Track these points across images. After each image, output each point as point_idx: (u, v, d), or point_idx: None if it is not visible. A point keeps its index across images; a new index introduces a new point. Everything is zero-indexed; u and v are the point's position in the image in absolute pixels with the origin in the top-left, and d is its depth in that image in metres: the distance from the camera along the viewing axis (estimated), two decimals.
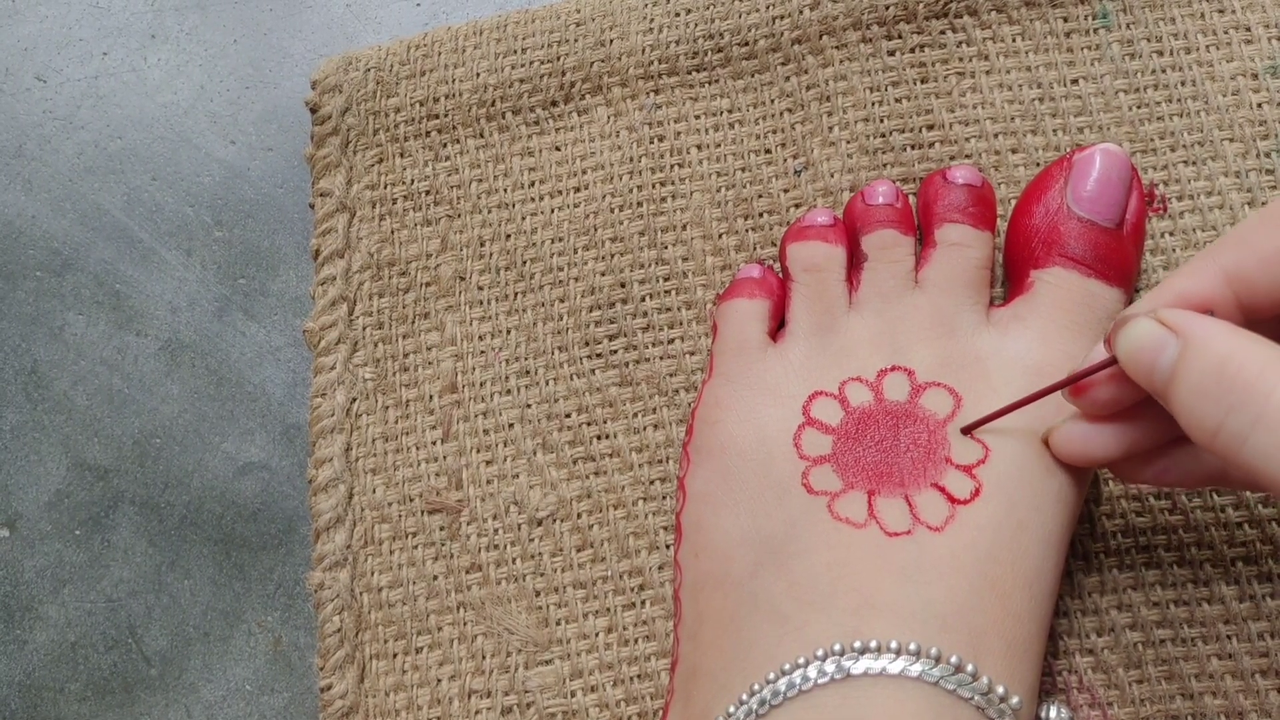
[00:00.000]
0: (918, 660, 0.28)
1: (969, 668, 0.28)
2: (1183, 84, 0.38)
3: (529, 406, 0.38)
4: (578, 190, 0.40)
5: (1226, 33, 0.38)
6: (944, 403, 0.33)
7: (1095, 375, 0.29)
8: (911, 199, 0.37)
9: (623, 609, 0.36)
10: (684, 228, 0.39)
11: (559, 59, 0.41)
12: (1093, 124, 0.38)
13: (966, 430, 0.32)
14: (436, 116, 0.41)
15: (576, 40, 0.41)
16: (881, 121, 0.38)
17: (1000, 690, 0.28)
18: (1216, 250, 0.27)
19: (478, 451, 0.38)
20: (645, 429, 0.37)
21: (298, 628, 0.39)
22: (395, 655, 0.36)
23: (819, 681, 0.28)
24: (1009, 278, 0.36)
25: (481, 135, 0.41)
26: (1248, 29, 0.38)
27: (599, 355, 0.38)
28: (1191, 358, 0.25)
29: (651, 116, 0.40)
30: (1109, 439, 0.30)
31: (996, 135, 0.38)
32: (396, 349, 0.39)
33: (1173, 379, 0.26)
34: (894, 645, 0.28)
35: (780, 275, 0.37)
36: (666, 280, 0.38)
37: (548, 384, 0.38)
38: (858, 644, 0.28)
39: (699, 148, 0.40)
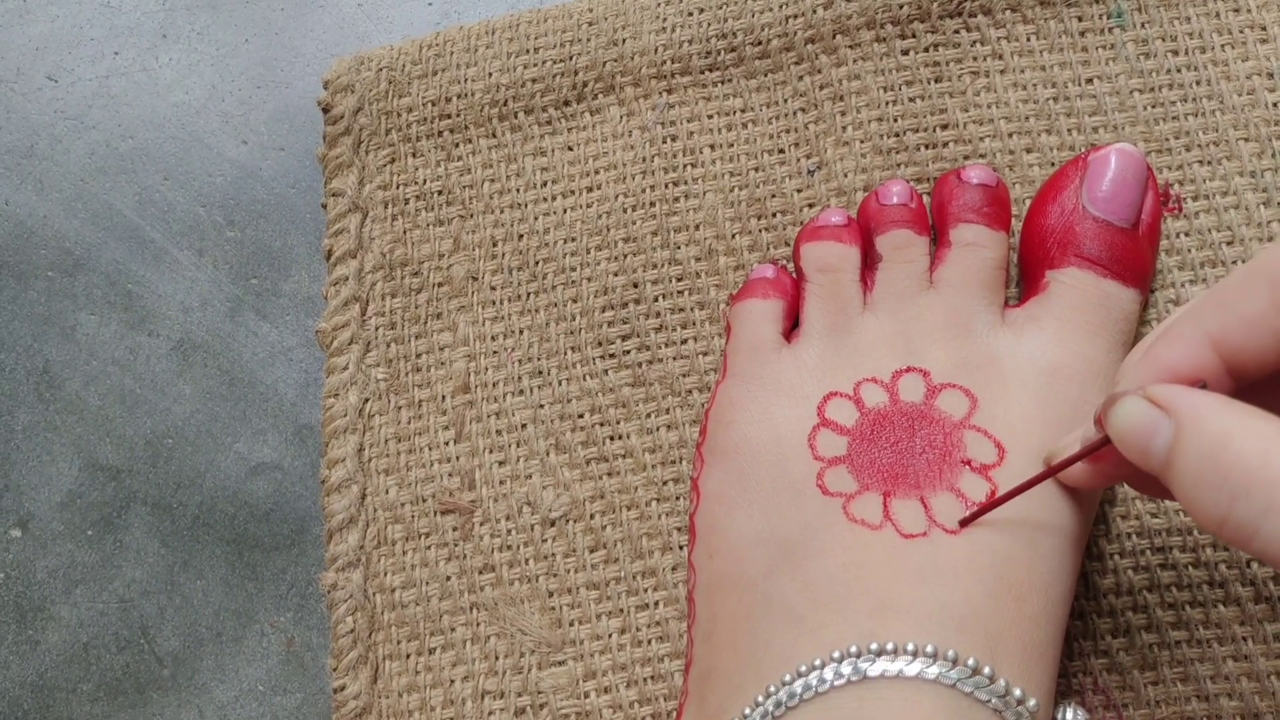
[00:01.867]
0: (935, 662, 0.28)
1: (986, 670, 0.28)
2: (1198, 83, 0.37)
3: (542, 407, 0.38)
4: (590, 190, 0.40)
5: (1242, 32, 0.38)
6: (960, 404, 0.33)
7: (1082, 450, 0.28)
8: (926, 199, 0.37)
9: (636, 610, 0.36)
10: (697, 227, 0.39)
11: (571, 58, 0.41)
12: (1107, 123, 0.37)
13: (964, 522, 0.31)
14: (449, 116, 0.41)
15: (589, 39, 0.41)
16: (895, 121, 0.38)
17: (1017, 693, 0.28)
18: (1198, 314, 0.26)
19: (490, 452, 0.38)
20: (658, 429, 0.37)
21: (310, 628, 0.39)
22: (408, 656, 0.36)
23: (835, 683, 0.28)
24: (1024, 278, 0.36)
25: (494, 135, 0.41)
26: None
27: (612, 355, 0.38)
28: (1187, 442, 0.24)
29: (664, 116, 0.40)
30: (1115, 465, 0.29)
31: (1011, 135, 0.38)
32: (409, 349, 0.39)
33: (1170, 464, 0.24)
34: (911, 647, 0.28)
35: (794, 275, 0.37)
36: (680, 280, 0.38)
37: (560, 384, 0.38)
38: (874, 646, 0.28)
39: (712, 147, 0.39)
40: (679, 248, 0.39)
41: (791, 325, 0.36)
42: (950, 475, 0.31)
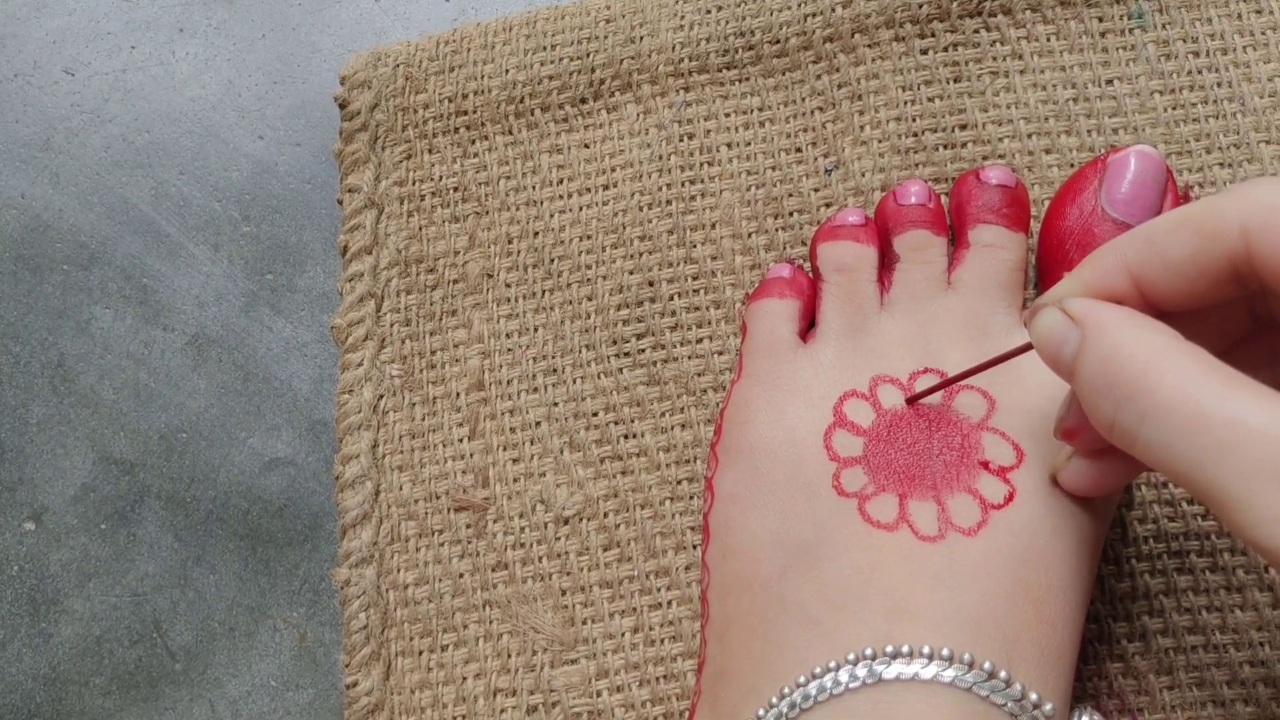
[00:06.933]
0: (950, 666, 0.28)
1: (1002, 674, 0.28)
2: (1219, 85, 0.37)
3: (556, 405, 0.38)
4: (606, 188, 0.40)
5: (1264, 34, 0.37)
6: (977, 405, 0.32)
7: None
8: (944, 199, 0.37)
9: (649, 609, 0.36)
10: (713, 226, 0.39)
11: (589, 56, 0.41)
12: (1127, 125, 0.37)
13: (911, 400, 0.33)
14: (465, 113, 0.41)
15: (606, 37, 0.41)
16: (914, 121, 0.38)
17: (1033, 697, 0.28)
18: (1125, 245, 0.27)
19: (504, 450, 0.38)
20: (673, 428, 0.37)
21: (323, 624, 0.39)
22: (421, 653, 0.36)
23: (850, 686, 0.28)
24: (1042, 279, 0.35)
25: (510, 132, 0.41)
26: None
27: (627, 354, 0.38)
28: (1087, 351, 0.25)
29: (681, 114, 0.40)
30: (1115, 469, 0.29)
31: (1030, 135, 0.38)
32: (424, 346, 0.39)
33: (1074, 372, 0.26)
34: (926, 650, 0.28)
35: (810, 275, 0.37)
36: (695, 279, 0.38)
37: (575, 382, 0.38)
38: (889, 648, 0.28)
39: (729, 146, 0.39)
40: (695, 246, 0.38)
41: (808, 325, 0.36)
42: (968, 477, 0.31)
